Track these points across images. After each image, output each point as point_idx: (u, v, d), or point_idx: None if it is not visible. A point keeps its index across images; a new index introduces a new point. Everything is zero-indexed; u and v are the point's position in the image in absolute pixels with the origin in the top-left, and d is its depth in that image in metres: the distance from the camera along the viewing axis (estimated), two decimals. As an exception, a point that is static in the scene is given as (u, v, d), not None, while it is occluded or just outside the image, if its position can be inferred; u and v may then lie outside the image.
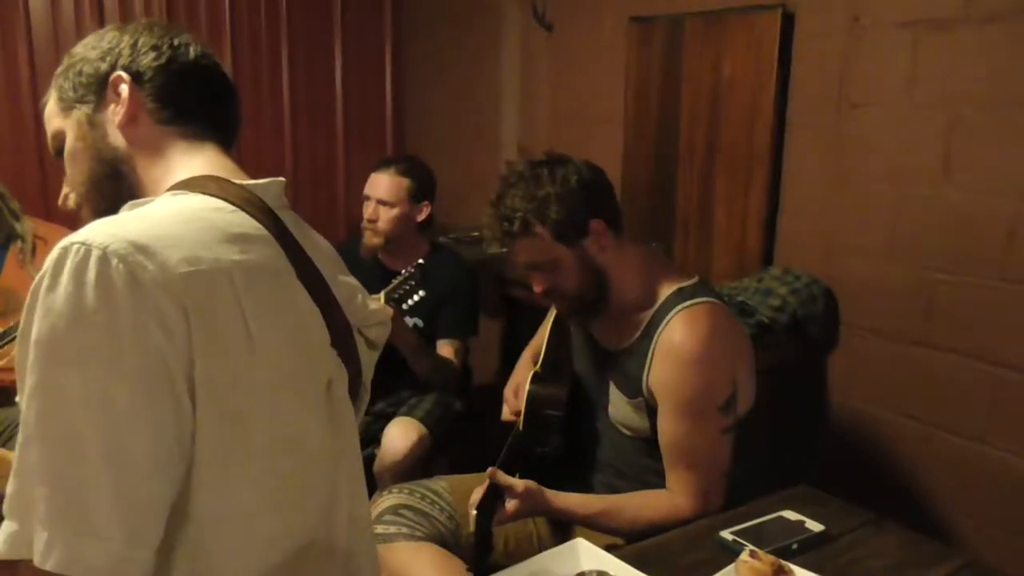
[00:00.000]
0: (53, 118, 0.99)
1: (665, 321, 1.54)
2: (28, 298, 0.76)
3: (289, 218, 0.97)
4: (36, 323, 0.74)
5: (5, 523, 0.73)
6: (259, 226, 0.89)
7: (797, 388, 2.18)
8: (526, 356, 2.06)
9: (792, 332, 2.06)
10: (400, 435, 2.25)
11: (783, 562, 1.14)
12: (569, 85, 2.89)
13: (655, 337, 1.55)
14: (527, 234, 1.56)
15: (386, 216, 2.44)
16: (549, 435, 1.78)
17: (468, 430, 2.56)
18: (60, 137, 0.98)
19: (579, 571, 1.09)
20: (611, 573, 1.08)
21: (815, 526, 1.34)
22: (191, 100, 0.97)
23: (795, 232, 2.18)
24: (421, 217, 2.50)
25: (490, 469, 1.54)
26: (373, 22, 3.52)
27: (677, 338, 1.52)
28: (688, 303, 1.54)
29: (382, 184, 2.45)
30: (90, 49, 0.97)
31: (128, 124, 0.94)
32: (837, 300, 2.08)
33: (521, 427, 1.82)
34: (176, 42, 0.97)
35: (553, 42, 2.91)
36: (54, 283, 0.74)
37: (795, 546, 1.29)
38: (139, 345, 0.74)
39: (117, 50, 0.96)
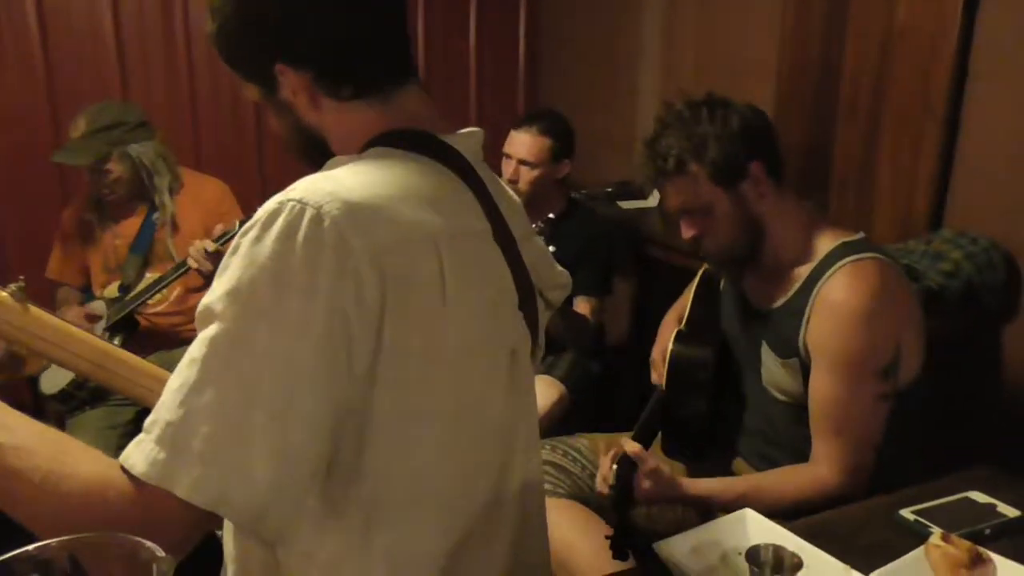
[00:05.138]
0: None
1: (827, 275, 1.43)
2: (231, 245, 0.76)
3: (485, 174, 0.94)
4: (236, 271, 0.74)
5: (149, 445, 0.72)
6: (463, 186, 0.87)
7: (965, 363, 2.01)
8: (670, 317, 1.98)
9: (964, 301, 1.89)
10: (541, 393, 2.21)
11: (981, 549, 1.04)
12: (717, 34, 2.73)
13: (814, 292, 1.44)
14: (681, 173, 1.48)
15: (527, 176, 2.39)
16: (694, 398, 1.70)
17: (603, 392, 2.51)
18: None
19: (751, 545, 1.02)
20: (788, 548, 1.01)
21: (1009, 511, 1.22)
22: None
23: (972, 193, 1.99)
24: (561, 175, 2.45)
25: (622, 439, 1.48)
26: (508, -27, 3.45)
27: (840, 293, 1.41)
28: (854, 257, 1.43)
29: (524, 144, 2.39)
30: None
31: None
32: (1020, 268, 1.89)
33: (664, 388, 1.75)
34: None
35: (701, -12, 2.76)
36: (262, 235, 0.74)
37: (988, 531, 1.17)
38: (330, 311, 0.73)
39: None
